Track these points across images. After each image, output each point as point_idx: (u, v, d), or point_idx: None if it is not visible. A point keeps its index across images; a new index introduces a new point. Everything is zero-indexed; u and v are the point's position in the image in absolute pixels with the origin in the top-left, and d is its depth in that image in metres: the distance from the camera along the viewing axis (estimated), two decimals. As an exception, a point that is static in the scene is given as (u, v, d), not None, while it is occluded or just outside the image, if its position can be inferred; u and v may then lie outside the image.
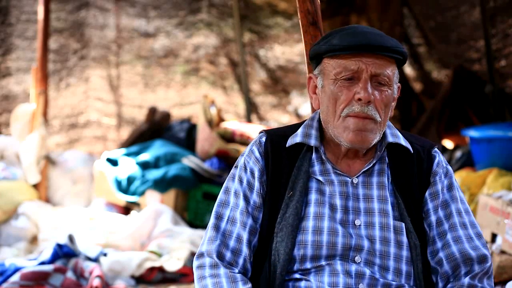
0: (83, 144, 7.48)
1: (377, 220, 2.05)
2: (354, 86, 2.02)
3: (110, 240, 4.99)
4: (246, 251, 2.08)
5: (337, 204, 2.06)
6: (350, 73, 2.02)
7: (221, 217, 2.11)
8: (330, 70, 2.05)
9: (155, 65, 7.68)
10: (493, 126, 5.32)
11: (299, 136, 2.12)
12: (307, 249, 2.03)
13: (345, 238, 2.03)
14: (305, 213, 2.06)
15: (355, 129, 2.01)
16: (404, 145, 2.11)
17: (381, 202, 2.06)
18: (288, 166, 2.11)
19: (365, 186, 2.08)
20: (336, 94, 2.03)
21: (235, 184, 2.13)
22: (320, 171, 2.10)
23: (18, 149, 5.97)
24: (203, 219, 5.74)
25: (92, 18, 7.45)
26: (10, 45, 7.12)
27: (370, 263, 2.03)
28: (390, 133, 2.12)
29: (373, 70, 2.01)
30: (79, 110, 7.52)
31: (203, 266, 2.07)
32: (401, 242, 2.04)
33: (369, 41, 2.00)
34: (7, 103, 7.08)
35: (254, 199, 2.10)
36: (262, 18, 7.73)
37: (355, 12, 7.50)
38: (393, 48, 2.02)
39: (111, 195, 5.89)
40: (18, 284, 4.10)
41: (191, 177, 5.76)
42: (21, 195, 5.60)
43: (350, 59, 2.01)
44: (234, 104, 7.76)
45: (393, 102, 2.09)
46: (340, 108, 2.03)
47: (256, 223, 2.10)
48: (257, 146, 2.14)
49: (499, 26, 6.01)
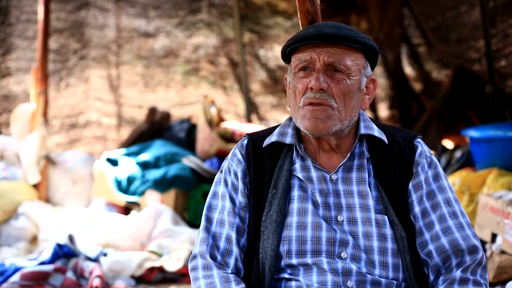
0: (83, 144, 7.48)
1: (358, 215, 2.06)
2: (309, 76, 2.06)
3: (110, 240, 4.99)
4: (236, 251, 2.11)
5: (318, 201, 2.09)
6: (305, 63, 2.07)
7: (211, 221, 2.15)
8: (292, 65, 2.12)
9: (155, 65, 7.68)
10: (493, 126, 5.31)
11: (275, 136, 2.16)
12: (292, 244, 2.06)
13: (329, 232, 2.05)
14: (289, 209, 2.09)
15: (311, 117, 2.05)
16: (378, 136, 2.12)
17: (361, 197, 2.08)
18: (270, 165, 2.14)
19: (345, 182, 2.10)
20: (295, 86, 2.09)
21: (221, 187, 2.18)
22: (301, 167, 2.13)
23: (18, 149, 5.97)
24: (203, 219, 5.74)
25: (92, 18, 7.45)
26: (10, 45, 7.12)
27: (356, 258, 2.05)
28: (363, 126, 2.14)
29: (326, 59, 2.04)
30: (79, 110, 7.52)
31: (196, 268, 2.10)
32: (384, 235, 2.05)
33: (321, 31, 2.05)
34: (7, 103, 7.08)
35: (240, 199, 2.15)
36: (262, 18, 7.73)
37: (355, 12, 7.50)
38: (348, 36, 2.04)
39: (111, 195, 5.89)
40: (18, 284, 4.10)
41: (191, 177, 5.76)
42: (21, 195, 5.61)
43: (305, 51, 2.07)
44: (234, 104, 7.76)
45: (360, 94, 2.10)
46: (298, 99, 2.08)
47: (243, 223, 2.14)
48: (239, 149, 2.19)
49: (499, 26, 6.01)
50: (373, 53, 2.11)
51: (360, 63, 2.08)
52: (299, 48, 2.09)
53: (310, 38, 2.06)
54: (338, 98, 2.04)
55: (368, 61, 2.12)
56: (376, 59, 2.14)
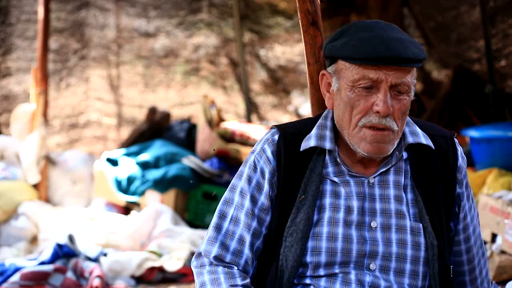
0: (83, 144, 7.48)
1: (393, 222, 1.98)
2: (373, 96, 1.91)
3: (110, 240, 4.99)
4: (248, 253, 2.02)
5: (353, 205, 1.98)
6: (369, 82, 1.91)
7: (225, 216, 2.05)
8: (347, 74, 1.94)
9: (155, 65, 7.68)
10: (493, 126, 5.32)
11: (313, 139, 2.01)
12: (321, 256, 1.96)
13: (360, 244, 1.96)
14: (319, 218, 1.98)
15: (372, 141, 1.92)
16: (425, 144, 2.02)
17: (397, 203, 1.99)
18: (301, 167, 2.00)
19: (381, 186, 2.00)
20: (353, 102, 1.93)
21: (242, 183, 2.04)
22: (334, 173, 2.01)
23: (18, 149, 5.97)
24: (203, 219, 5.74)
25: (92, 18, 7.45)
26: (10, 45, 7.12)
27: (385, 269, 1.97)
28: (409, 132, 2.03)
29: (393, 81, 1.90)
30: (79, 110, 7.52)
31: (203, 265, 2.04)
32: (418, 243, 1.97)
33: (389, 53, 1.88)
34: (7, 103, 7.08)
35: (262, 201, 2.02)
36: (263, 18, 7.73)
37: (355, 12, 7.50)
38: (415, 58, 1.91)
39: (111, 195, 5.89)
40: (18, 284, 4.10)
41: (191, 177, 5.76)
42: (21, 195, 5.60)
43: (370, 68, 1.90)
44: (234, 104, 7.76)
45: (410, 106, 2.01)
46: (356, 117, 1.93)
47: (261, 226, 2.02)
48: (269, 145, 2.03)
49: (499, 26, 6.01)
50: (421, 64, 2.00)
51: (413, 75, 1.98)
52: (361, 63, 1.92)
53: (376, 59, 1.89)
54: (398, 120, 1.93)
55: None
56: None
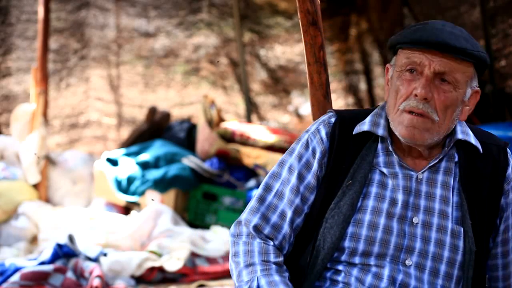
0: (83, 144, 7.47)
1: (435, 221, 1.98)
2: (416, 81, 1.95)
3: (110, 240, 4.99)
4: (287, 229, 2.03)
5: (398, 198, 1.99)
6: (413, 65, 1.95)
7: (270, 189, 2.06)
8: (398, 61, 2.00)
9: (155, 65, 7.68)
10: (493, 126, 5.32)
11: (367, 124, 2.05)
12: (359, 243, 1.97)
13: (399, 237, 1.97)
14: (363, 206, 1.99)
15: (408, 125, 1.94)
16: (473, 144, 2.03)
17: (442, 203, 1.99)
18: (352, 153, 2.02)
19: (429, 184, 2.01)
20: (398, 87, 1.98)
21: (292, 159, 2.06)
22: (385, 163, 2.03)
23: (18, 149, 5.97)
24: (203, 219, 5.74)
25: (92, 18, 7.45)
26: (10, 45, 7.12)
27: (421, 266, 1.97)
28: (460, 130, 2.03)
29: (436, 68, 1.93)
30: (79, 110, 7.52)
31: (240, 234, 2.05)
32: (457, 246, 1.97)
33: (436, 38, 1.92)
34: (7, 103, 7.08)
35: (309, 179, 2.04)
36: (263, 18, 7.73)
37: (355, 12, 7.51)
38: (465, 50, 1.92)
39: (111, 195, 5.89)
40: (18, 284, 4.10)
41: (191, 177, 5.76)
42: (21, 195, 5.60)
43: (416, 52, 1.95)
44: (234, 104, 7.76)
45: (462, 106, 2.00)
46: (399, 101, 1.97)
47: (304, 204, 2.04)
48: (324, 126, 2.07)
49: (499, 26, 6.02)
50: (483, 66, 2.00)
51: (469, 75, 1.97)
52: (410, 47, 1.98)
53: (423, 43, 1.93)
54: (440, 111, 1.94)
55: (477, 72, 2.00)
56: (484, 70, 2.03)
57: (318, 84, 2.50)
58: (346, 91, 7.77)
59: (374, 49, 7.64)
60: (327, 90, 2.50)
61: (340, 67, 7.76)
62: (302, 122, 7.77)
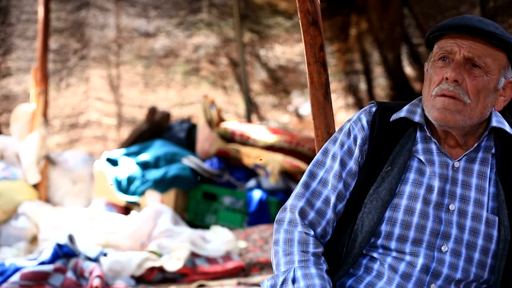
0: (83, 144, 7.47)
1: (470, 209, 2.02)
2: (447, 67, 2.02)
3: (110, 240, 4.99)
4: (330, 214, 2.09)
5: (435, 185, 2.03)
6: (444, 53, 2.03)
7: (314, 176, 2.12)
8: (433, 53, 2.09)
9: (155, 65, 7.68)
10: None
11: (404, 112, 2.11)
12: (395, 227, 2.01)
13: (435, 223, 2.01)
14: (400, 191, 2.04)
15: (440, 107, 2.00)
16: (508, 132, 2.07)
17: (478, 192, 2.03)
18: (392, 140, 2.09)
19: (465, 173, 2.05)
20: (431, 75, 2.06)
21: (335, 148, 2.13)
22: (423, 150, 2.08)
23: (18, 149, 5.97)
24: (203, 219, 5.74)
25: (92, 18, 7.45)
26: (10, 45, 7.12)
27: (457, 253, 2.00)
28: (495, 120, 2.08)
29: (466, 53, 1.99)
30: (79, 110, 7.52)
31: (282, 221, 2.09)
32: (491, 235, 2.01)
33: (466, 23, 2.00)
34: (7, 103, 7.08)
35: (351, 165, 2.10)
36: (263, 18, 7.72)
37: (355, 12, 7.50)
38: (493, 33, 1.98)
39: (111, 195, 5.89)
40: (18, 284, 4.10)
41: (191, 177, 5.76)
42: (21, 195, 5.60)
43: (447, 41, 2.03)
44: (234, 104, 7.76)
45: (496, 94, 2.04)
46: (432, 87, 2.04)
47: (346, 190, 2.10)
48: (365, 115, 2.14)
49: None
50: None
51: (502, 63, 2.02)
52: (442, 37, 2.05)
53: (453, 27, 2.01)
54: (472, 94, 1.99)
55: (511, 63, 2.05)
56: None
57: (318, 84, 2.50)
58: (346, 91, 7.76)
59: (374, 49, 7.64)
60: (327, 90, 2.50)
61: (340, 67, 7.76)
62: (302, 122, 7.77)
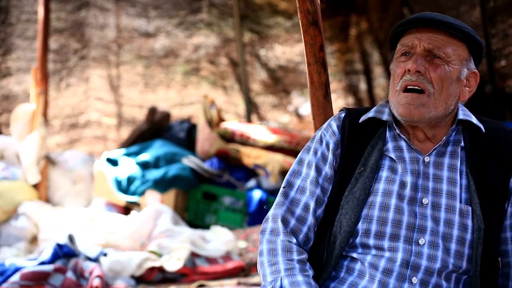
0: (83, 144, 7.48)
1: (443, 202, 2.06)
2: (409, 61, 2.07)
3: (110, 240, 4.99)
4: (311, 219, 2.12)
5: (407, 181, 2.07)
6: (406, 48, 2.08)
7: (292, 186, 2.17)
8: (395, 52, 2.14)
9: (155, 65, 7.68)
10: (493, 126, 5.30)
11: (372, 112, 2.17)
12: (372, 224, 2.05)
13: (410, 217, 2.04)
14: (374, 189, 2.09)
15: (404, 103, 2.05)
16: (475, 124, 2.11)
17: (450, 184, 2.07)
18: (362, 142, 2.14)
19: (436, 167, 2.09)
20: (394, 70, 2.11)
21: (309, 156, 2.18)
22: (394, 148, 2.12)
23: (18, 149, 5.97)
24: (203, 219, 5.74)
25: (92, 18, 7.45)
26: (10, 45, 7.12)
27: (435, 245, 2.03)
28: (462, 113, 2.13)
29: (426, 45, 2.05)
30: (79, 110, 7.52)
31: (265, 231, 2.13)
32: (466, 225, 2.04)
33: (421, 16, 2.07)
34: (7, 103, 7.08)
35: (326, 170, 2.15)
36: (263, 18, 7.73)
37: (355, 12, 7.50)
38: (451, 24, 2.04)
39: (111, 195, 5.89)
40: (18, 284, 4.10)
41: (191, 177, 5.76)
42: (21, 195, 5.60)
43: (408, 37, 2.09)
44: (234, 104, 7.76)
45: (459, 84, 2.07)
46: (396, 82, 2.09)
47: (324, 195, 2.14)
48: (335, 121, 2.19)
49: (499, 26, 6.02)
50: (477, 47, 2.09)
51: (462, 54, 2.07)
52: (404, 34, 2.11)
53: (412, 22, 2.08)
54: (435, 82, 2.04)
55: (472, 55, 2.10)
56: (480, 54, 2.12)
57: (318, 84, 2.50)
58: (346, 91, 7.77)
59: (374, 49, 7.64)
60: (327, 90, 2.51)
61: (340, 67, 7.76)
62: (302, 122, 7.77)
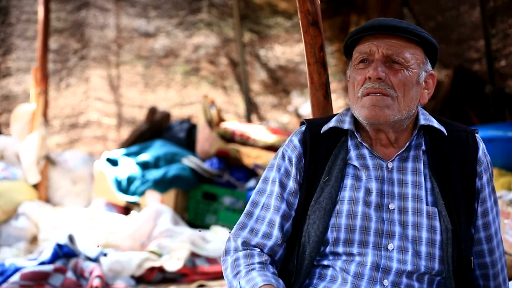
0: (83, 144, 7.48)
1: (410, 205, 2.06)
2: (368, 67, 2.07)
3: (110, 240, 4.99)
4: (277, 234, 2.11)
5: (372, 187, 2.08)
6: (364, 55, 2.08)
7: (257, 204, 2.16)
8: (352, 59, 2.13)
9: (155, 65, 7.68)
10: (493, 126, 5.32)
11: (333, 122, 2.16)
12: (340, 232, 2.05)
13: (378, 223, 2.05)
14: (340, 197, 2.08)
15: (369, 105, 2.04)
16: (437, 128, 2.12)
17: (415, 188, 2.07)
18: (325, 152, 2.13)
19: (400, 171, 2.09)
20: (354, 78, 2.10)
21: (273, 173, 2.17)
22: (357, 156, 2.12)
23: (18, 149, 5.97)
24: (203, 219, 5.74)
25: (92, 18, 7.45)
26: (10, 45, 7.12)
27: (404, 249, 2.03)
28: (422, 118, 2.14)
29: (384, 51, 2.05)
30: (79, 110, 7.52)
31: (229, 250, 2.14)
32: (434, 227, 2.04)
33: (376, 23, 2.07)
34: (7, 103, 7.08)
35: (291, 185, 2.14)
36: (262, 18, 7.73)
37: (355, 12, 7.50)
38: (406, 29, 2.05)
39: (111, 195, 5.89)
40: (18, 284, 4.10)
41: (191, 177, 5.76)
42: (21, 195, 5.61)
43: (364, 44, 2.09)
44: (234, 104, 7.76)
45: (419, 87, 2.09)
46: (357, 89, 2.08)
47: (291, 209, 2.13)
48: (296, 135, 2.18)
49: (499, 26, 6.02)
50: (432, 49, 2.11)
51: (419, 57, 2.08)
52: (359, 42, 2.11)
53: (368, 29, 2.08)
54: (397, 87, 2.04)
55: (428, 57, 2.11)
56: (435, 56, 2.14)
57: (318, 84, 2.50)
58: (346, 91, 7.77)
59: (374, 49, 7.65)
60: (327, 90, 2.51)
61: (340, 67, 7.76)
62: (302, 122, 7.76)
